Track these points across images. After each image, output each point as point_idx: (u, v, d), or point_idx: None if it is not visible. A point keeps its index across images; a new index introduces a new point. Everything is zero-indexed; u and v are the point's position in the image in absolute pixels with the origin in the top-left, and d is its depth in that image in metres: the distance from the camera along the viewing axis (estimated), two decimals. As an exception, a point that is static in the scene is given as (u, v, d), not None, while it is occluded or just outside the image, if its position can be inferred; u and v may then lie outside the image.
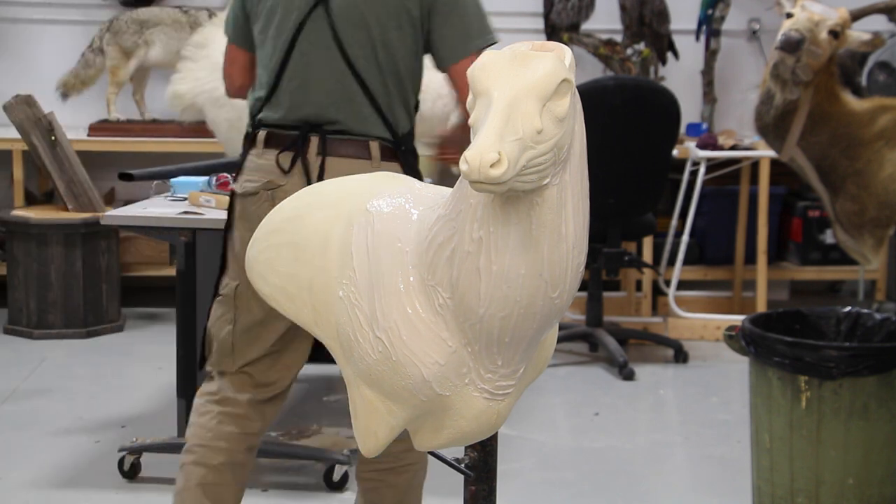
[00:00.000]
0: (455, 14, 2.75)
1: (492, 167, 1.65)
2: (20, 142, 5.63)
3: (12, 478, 3.82)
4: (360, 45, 2.74)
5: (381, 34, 2.74)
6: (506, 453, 2.69)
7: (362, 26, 2.74)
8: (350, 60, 2.74)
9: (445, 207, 1.88)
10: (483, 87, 1.73)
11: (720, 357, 5.24)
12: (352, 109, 2.75)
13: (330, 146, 2.74)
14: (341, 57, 2.74)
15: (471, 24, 2.76)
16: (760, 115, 4.14)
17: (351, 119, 2.75)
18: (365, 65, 2.74)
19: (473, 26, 2.76)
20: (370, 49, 2.74)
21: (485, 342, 1.89)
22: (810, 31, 3.92)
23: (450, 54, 2.75)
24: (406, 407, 1.99)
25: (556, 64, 1.73)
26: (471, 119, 1.75)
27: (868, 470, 3.15)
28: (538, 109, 1.71)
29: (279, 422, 4.30)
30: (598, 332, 5.25)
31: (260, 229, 2.20)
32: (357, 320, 1.96)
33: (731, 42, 6.22)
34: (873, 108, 4.14)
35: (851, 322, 3.42)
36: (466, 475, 2.32)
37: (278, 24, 2.78)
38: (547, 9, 5.96)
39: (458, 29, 2.75)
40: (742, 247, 5.99)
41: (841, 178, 4.16)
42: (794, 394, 3.16)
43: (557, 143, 1.73)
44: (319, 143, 2.74)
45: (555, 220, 1.80)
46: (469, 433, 2.03)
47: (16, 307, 5.55)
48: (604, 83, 5.09)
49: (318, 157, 2.73)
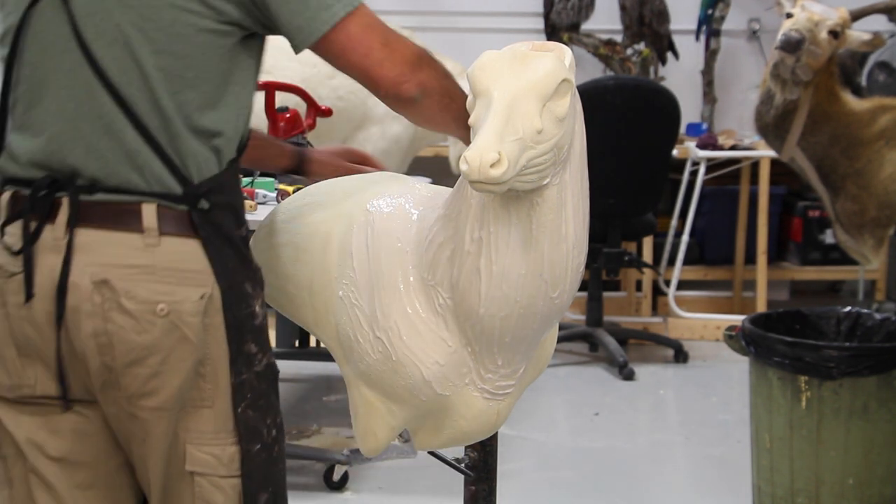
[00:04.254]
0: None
1: (492, 167, 1.65)
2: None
3: (12, 478, 3.82)
4: (109, 40, 1.79)
5: (143, 18, 1.78)
6: (506, 453, 2.69)
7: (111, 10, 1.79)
8: (98, 66, 1.79)
9: (445, 207, 1.88)
10: (483, 87, 1.73)
11: (720, 357, 5.24)
12: (108, 147, 1.80)
13: (83, 212, 1.80)
14: (85, 61, 1.80)
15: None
16: (760, 115, 4.14)
17: (108, 164, 1.80)
18: (120, 72, 1.79)
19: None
20: (125, 45, 1.79)
21: (485, 342, 1.89)
22: (810, 31, 3.91)
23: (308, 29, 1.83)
24: (406, 407, 1.99)
25: (556, 64, 1.73)
26: (471, 119, 1.75)
27: (868, 470, 3.15)
28: (538, 109, 1.71)
29: (279, 422, 4.30)
30: (598, 332, 5.25)
31: (259, 229, 2.20)
32: (357, 320, 1.96)
33: (731, 42, 6.21)
34: (873, 108, 4.13)
35: (851, 322, 3.42)
36: (466, 475, 2.32)
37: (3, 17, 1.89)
38: (547, 9, 5.96)
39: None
40: (742, 247, 5.99)
41: (841, 178, 4.16)
42: (794, 394, 3.16)
43: (557, 143, 1.73)
44: (69, 209, 1.80)
45: (555, 220, 1.80)
46: (469, 433, 2.03)
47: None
48: (604, 83, 5.09)
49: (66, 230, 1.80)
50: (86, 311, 1.79)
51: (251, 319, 1.87)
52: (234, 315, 1.84)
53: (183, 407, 1.85)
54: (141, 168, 1.80)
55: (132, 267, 1.79)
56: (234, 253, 1.85)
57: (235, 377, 1.86)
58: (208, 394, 1.86)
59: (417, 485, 3.79)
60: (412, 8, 5.97)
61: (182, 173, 1.80)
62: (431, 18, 6.01)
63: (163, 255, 1.80)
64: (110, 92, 1.79)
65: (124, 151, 1.80)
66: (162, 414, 1.84)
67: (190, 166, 1.81)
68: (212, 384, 1.86)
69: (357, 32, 1.84)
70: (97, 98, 1.80)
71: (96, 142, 1.81)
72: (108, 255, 1.79)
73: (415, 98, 1.86)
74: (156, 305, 1.79)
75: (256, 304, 1.88)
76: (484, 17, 6.00)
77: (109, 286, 1.78)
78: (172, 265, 1.80)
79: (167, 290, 1.80)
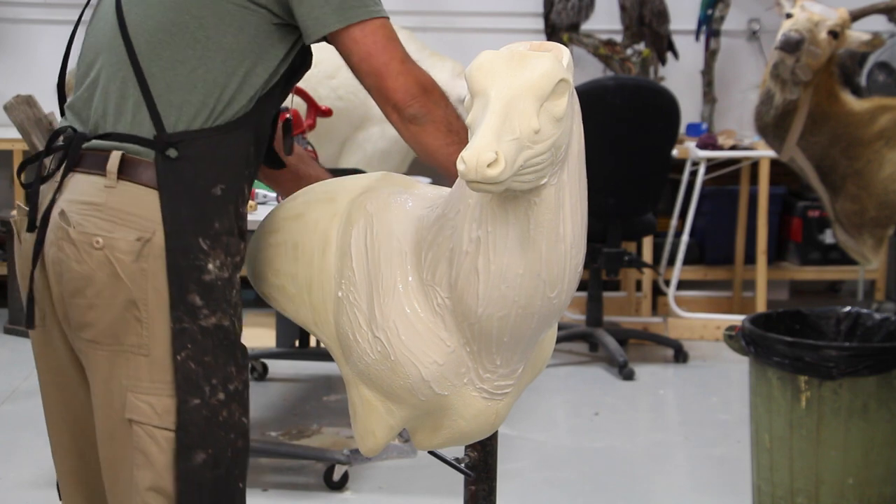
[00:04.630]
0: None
1: (489, 167, 1.65)
2: (21, 142, 5.62)
3: (12, 478, 3.82)
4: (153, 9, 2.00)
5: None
6: (506, 453, 2.69)
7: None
8: (122, 20, 2.02)
9: (444, 207, 1.89)
10: (480, 86, 1.73)
11: (720, 357, 5.24)
12: (115, 96, 2.00)
13: (81, 159, 2.01)
14: (116, 19, 2.03)
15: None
16: (760, 115, 4.14)
17: (110, 112, 2.01)
18: (136, 23, 2.00)
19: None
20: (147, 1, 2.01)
21: (483, 342, 1.89)
22: (810, 32, 3.92)
23: (321, 22, 1.99)
24: (405, 407, 1.99)
25: (554, 64, 1.73)
26: (468, 119, 1.75)
27: (868, 470, 3.15)
28: (535, 109, 1.71)
29: (279, 422, 4.30)
30: (598, 332, 5.25)
31: (259, 229, 2.20)
32: (356, 320, 1.96)
33: (731, 42, 6.21)
34: (873, 108, 4.14)
35: (851, 322, 3.42)
36: (466, 475, 2.32)
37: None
38: (547, 9, 5.96)
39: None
40: (742, 247, 5.99)
41: (841, 178, 4.16)
42: (794, 394, 3.16)
43: (555, 143, 1.74)
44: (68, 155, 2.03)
45: (553, 220, 1.80)
46: (468, 433, 2.03)
47: (16, 307, 5.55)
48: (604, 83, 5.09)
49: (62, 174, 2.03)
50: (49, 240, 1.99)
51: (198, 273, 1.96)
52: (176, 263, 1.94)
53: (123, 351, 1.96)
54: (133, 114, 1.97)
55: (88, 204, 1.96)
56: (194, 208, 1.95)
57: (175, 324, 1.94)
58: (146, 340, 1.96)
59: (417, 485, 3.79)
60: (412, 8, 5.97)
61: (162, 122, 1.95)
62: (431, 18, 6.01)
63: (115, 197, 1.95)
64: (125, 42, 1.98)
65: (125, 98, 1.97)
66: (97, 348, 1.98)
67: (172, 116, 1.95)
68: (148, 330, 1.95)
69: (381, 39, 1.99)
70: (116, 50, 2.00)
71: (109, 91, 2.00)
72: (76, 192, 1.98)
73: (418, 117, 2.00)
74: (94, 238, 1.94)
75: (211, 262, 1.97)
76: (484, 17, 6.00)
77: (65, 218, 1.96)
78: (120, 206, 1.95)
79: (108, 227, 1.94)
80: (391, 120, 2.03)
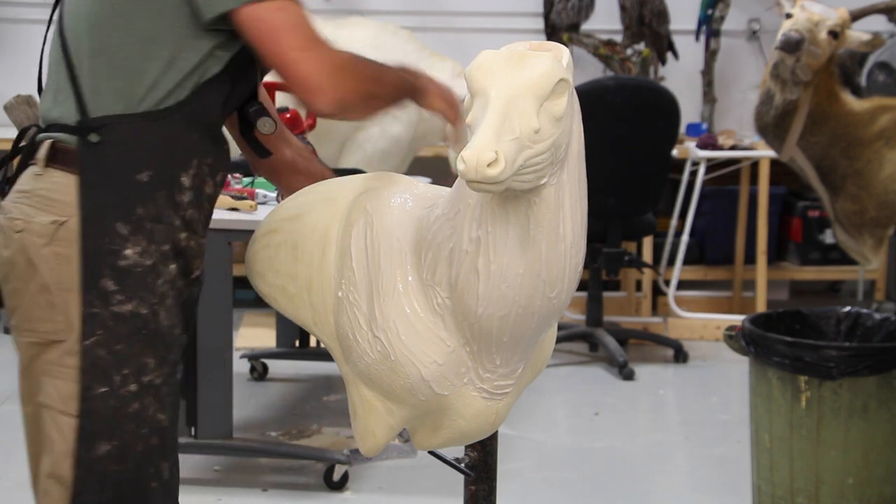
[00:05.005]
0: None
1: (489, 166, 1.65)
2: (20, 142, 5.63)
3: (12, 478, 3.82)
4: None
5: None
6: (506, 453, 2.69)
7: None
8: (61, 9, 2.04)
9: (444, 207, 1.89)
10: (480, 86, 1.73)
11: (720, 357, 5.23)
12: (53, 88, 2.02)
13: (34, 152, 2.01)
14: (54, 6, 2.07)
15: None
16: (760, 115, 4.15)
17: (49, 103, 2.03)
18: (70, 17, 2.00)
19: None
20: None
21: (483, 342, 1.89)
22: (810, 32, 3.92)
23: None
24: (405, 406, 1.99)
25: (554, 64, 1.73)
26: (468, 119, 1.75)
27: (868, 470, 3.15)
28: (535, 109, 1.71)
29: (279, 422, 4.30)
30: (598, 332, 5.25)
31: (259, 229, 2.20)
32: (356, 320, 1.96)
33: (731, 42, 6.22)
34: (873, 108, 4.14)
35: (851, 322, 3.42)
36: (466, 475, 2.32)
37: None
38: (547, 9, 5.96)
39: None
40: (742, 247, 5.99)
41: (841, 178, 4.16)
42: (794, 394, 3.16)
43: (555, 142, 1.74)
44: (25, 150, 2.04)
45: (553, 219, 1.80)
46: (468, 433, 2.03)
47: (16, 307, 5.55)
48: (604, 83, 5.09)
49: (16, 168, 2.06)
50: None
51: (113, 258, 1.91)
52: (90, 247, 1.91)
53: (40, 337, 1.94)
54: (63, 103, 1.95)
55: (20, 192, 1.97)
56: (114, 193, 1.92)
57: (85, 307, 1.90)
58: (60, 326, 1.92)
59: (417, 485, 3.79)
60: (412, 8, 5.97)
61: (87, 108, 1.93)
62: (431, 18, 6.01)
63: (41, 184, 1.94)
64: (61, 37, 1.98)
65: (60, 90, 1.97)
66: (21, 334, 1.96)
67: (94, 101, 1.93)
68: (63, 315, 1.92)
69: (275, 21, 1.88)
70: (55, 44, 2.00)
71: (49, 84, 2.01)
72: (19, 183, 1.98)
73: (332, 113, 1.94)
74: (15, 222, 1.95)
75: (130, 248, 1.92)
76: (484, 17, 6.00)
77: (3, 208, 1.99)
78: (43, 193, 1.94)
79: (30, 212, 1.94)
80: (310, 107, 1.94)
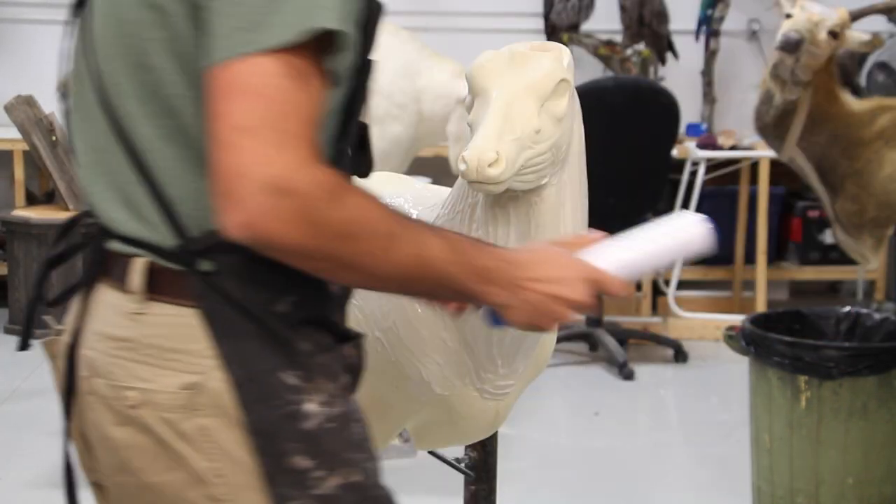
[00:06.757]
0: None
1: (490, 167, 1.65)
2: (21, 142, 5.63)
3: (12, 478, 3.82)
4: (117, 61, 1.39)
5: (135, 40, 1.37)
6: (506, 453, 2.69)
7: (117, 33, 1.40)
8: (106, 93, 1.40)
9: (445, 207, 1.89)
10: (481, 86, 1.73)
11: (720, 357, 5.23)
12: (114, 187, 1.40)
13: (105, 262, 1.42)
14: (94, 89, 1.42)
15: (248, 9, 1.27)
16: (760, 115, 4.15)
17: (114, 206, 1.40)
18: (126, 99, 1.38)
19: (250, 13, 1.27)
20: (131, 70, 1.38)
21: (483, 342, 1.89)
22: (810, 32, 3.92)
23: (211, 51, 1.29)
24: (405, 406, 1.99)
25: (554, 64, 1.73)
26: (469, 118, 1.76)
27: (868, 470, 3.15)
28: (536, 109, 1.71)
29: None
30: (598, 332, 5.24)
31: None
32: (356, 320, 1.96)
33: (731, 42, 6.22)
34: (873, 109, 4.14)
35: (851, 322, 3.43)
36: (466, 475, 2.32)
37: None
38: (547, 9, 5.96)
39: (229, 16, 1.28)
40: (742, 247, 5.99)
41: (841, 178, 4.16)
42: (793, 394, 3.16)
43: (556, 142, 1.74)
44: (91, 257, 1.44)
45: (553, 219, 1.80)
46: (468, 432, 2.04)
47: (16, 307, 5.55)
48: (604, 83, 5.09)
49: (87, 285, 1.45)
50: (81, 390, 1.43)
51: (295, 422, 1.34)
52: (260, 417, 1.34)
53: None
54: (143, 216, 1.37)
55: (114, 340, 1.39)
56: (257, 332, 1.34)
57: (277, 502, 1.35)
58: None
59: (417, 485, 3.79)
60: (412, 8, 5.97)
61: (178, 221, 1.34)
62: (431, 18, 6.01)
63: (148, 329, 1.37)
64: (113, 123, 1.38)
65: (131, 198, 1.38)
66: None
67: (190, 217, 1.34)
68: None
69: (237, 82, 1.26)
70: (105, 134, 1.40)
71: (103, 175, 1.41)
72: (102, 321, 1.41)
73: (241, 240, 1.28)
74: (127, 394, 1.37)
75: (309, 401, 1.35)
76: (484, 18, 6.00)
77: (93, 366, 1.41)
78: (157, 342, 1.36)
79: (145, 374, 1.36)
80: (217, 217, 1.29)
